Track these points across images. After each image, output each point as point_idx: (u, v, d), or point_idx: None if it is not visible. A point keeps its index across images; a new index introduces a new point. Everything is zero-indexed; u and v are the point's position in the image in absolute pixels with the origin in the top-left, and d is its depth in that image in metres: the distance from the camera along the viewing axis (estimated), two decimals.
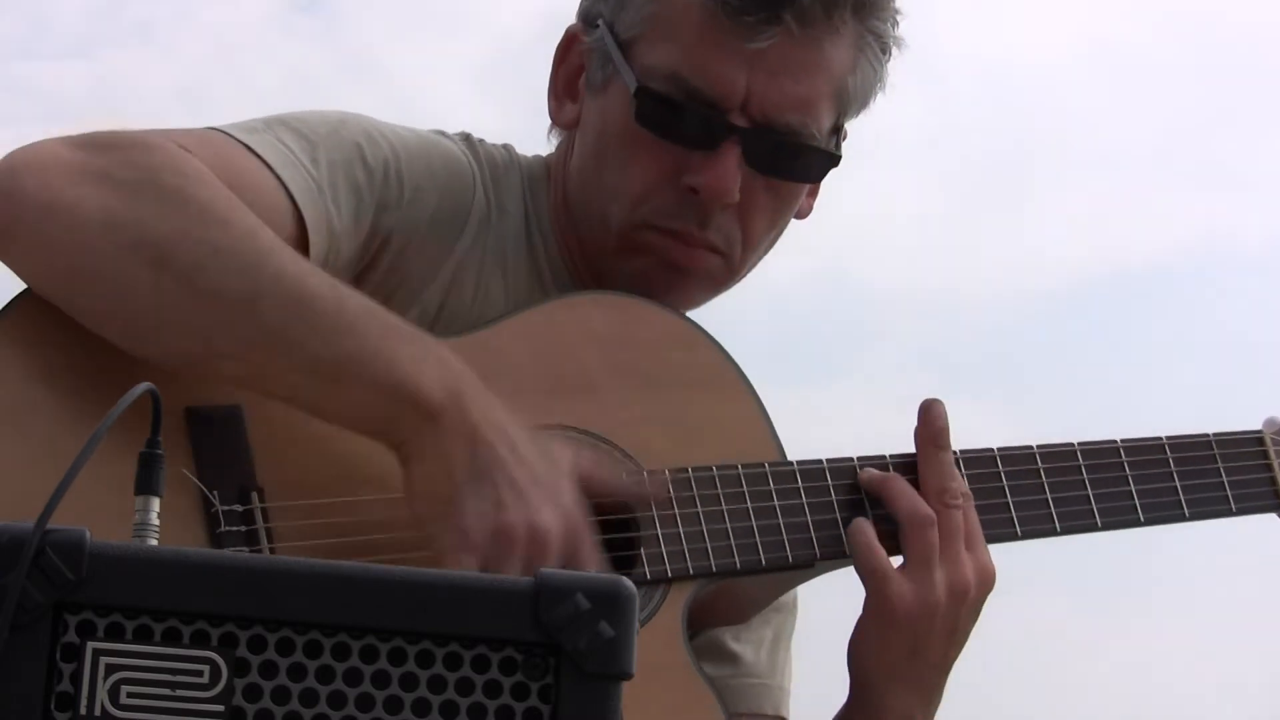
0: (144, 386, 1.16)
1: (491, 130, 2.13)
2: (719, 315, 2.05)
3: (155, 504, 1.19)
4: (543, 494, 1.66)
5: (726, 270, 1.99)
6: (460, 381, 1.67)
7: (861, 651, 1.89)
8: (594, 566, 1.68)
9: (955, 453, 1.94)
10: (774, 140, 1.92)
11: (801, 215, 2.08)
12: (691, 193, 1.91)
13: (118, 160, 1.68)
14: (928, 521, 1.86)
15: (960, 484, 1.90)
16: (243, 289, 1.64)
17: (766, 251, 2.06)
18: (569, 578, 1.13)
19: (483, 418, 1.66)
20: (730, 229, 1.95)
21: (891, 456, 1.94)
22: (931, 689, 1.91)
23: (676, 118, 1.90)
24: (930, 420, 1.92)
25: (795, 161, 1.96)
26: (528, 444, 1.68)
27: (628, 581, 1.14)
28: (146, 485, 1.19)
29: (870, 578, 1.86)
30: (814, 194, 2.09)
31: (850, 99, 1.98)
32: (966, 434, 1.99)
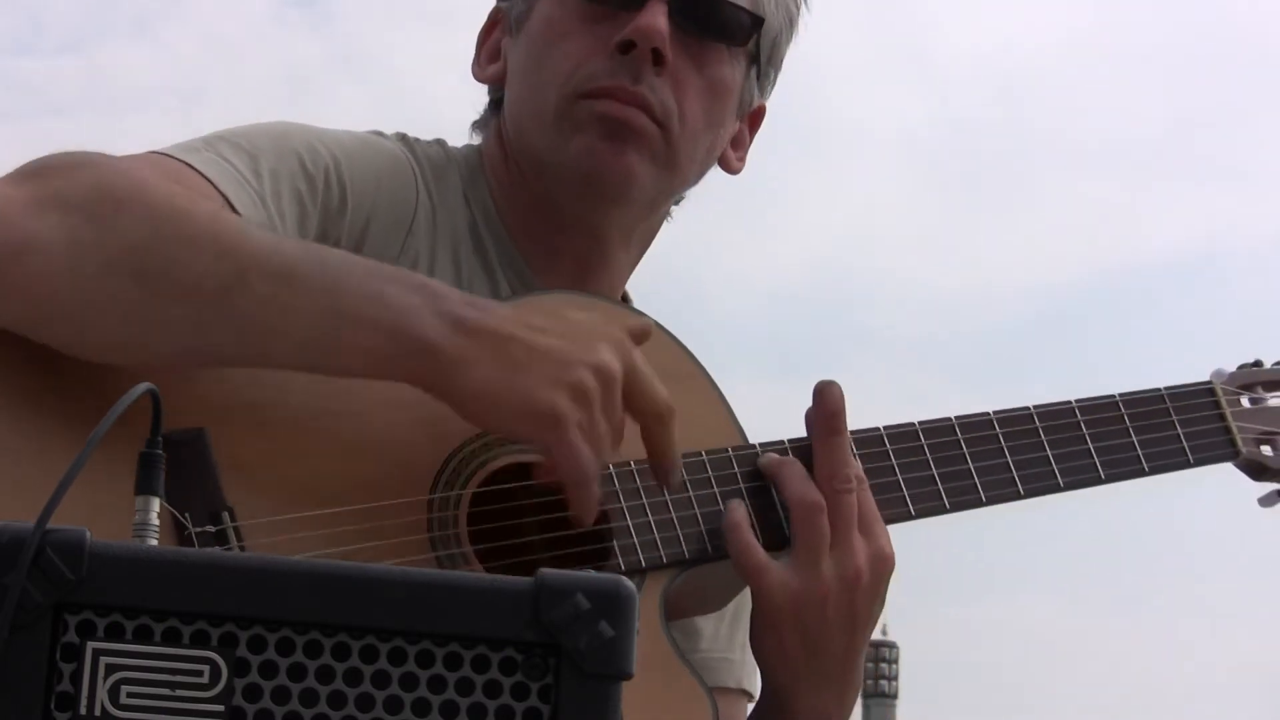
0: (144, 387, 1.17)
1: None
2: (719, 314, 2.06)
3: (155, 504, 1.20)
4: (579, 341, 1.67)
5: (665, 143, 2.00)
6: (449, 303, 1.66)
7: (759, 651, 1.87)
8: (650, 373, 1.70)
9: (884, 429, 1.93)
10: (697, 2, 2.01)
11: (731, 169, 2.15)
12: (620, 52, 1.97)
13: (65, 184, 1.66)
14: (817, 508, 1.82)
15: (853, 468, 1.86)
16: (224, 272, 1.63)
17: (706, 157, 2.09)
18: (569, 578, 1.13)
19: (484, 324, 1.65)
20: (664, 96, 1.99)
21: (790, 441, 1.91)
22: (843, 682, 1.87)
23: None
24: (823, 403, 1.88)
25: (720, 19, 2.03)
26: (536, 314, 1.70)
27: (627, 581, 1.14)
28: (147, 485, 1.20)
29: (747, 574, 1.82)
30: (742, 147, 2.16)
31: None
32: None
